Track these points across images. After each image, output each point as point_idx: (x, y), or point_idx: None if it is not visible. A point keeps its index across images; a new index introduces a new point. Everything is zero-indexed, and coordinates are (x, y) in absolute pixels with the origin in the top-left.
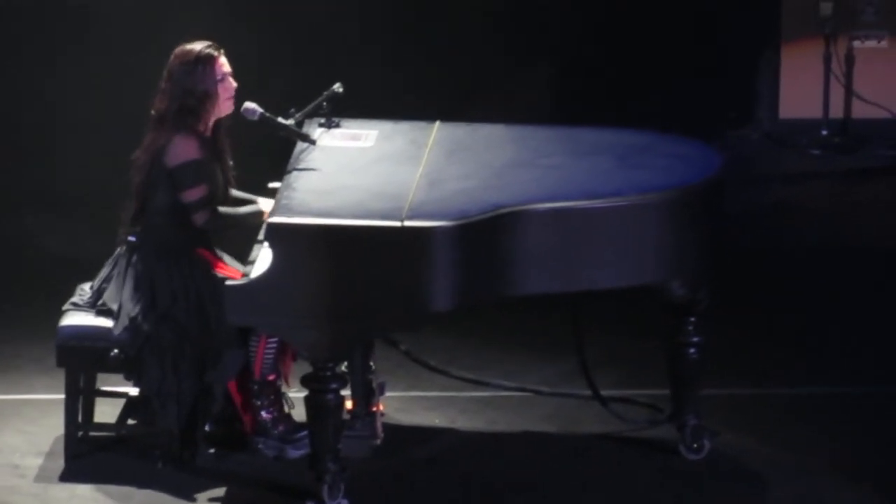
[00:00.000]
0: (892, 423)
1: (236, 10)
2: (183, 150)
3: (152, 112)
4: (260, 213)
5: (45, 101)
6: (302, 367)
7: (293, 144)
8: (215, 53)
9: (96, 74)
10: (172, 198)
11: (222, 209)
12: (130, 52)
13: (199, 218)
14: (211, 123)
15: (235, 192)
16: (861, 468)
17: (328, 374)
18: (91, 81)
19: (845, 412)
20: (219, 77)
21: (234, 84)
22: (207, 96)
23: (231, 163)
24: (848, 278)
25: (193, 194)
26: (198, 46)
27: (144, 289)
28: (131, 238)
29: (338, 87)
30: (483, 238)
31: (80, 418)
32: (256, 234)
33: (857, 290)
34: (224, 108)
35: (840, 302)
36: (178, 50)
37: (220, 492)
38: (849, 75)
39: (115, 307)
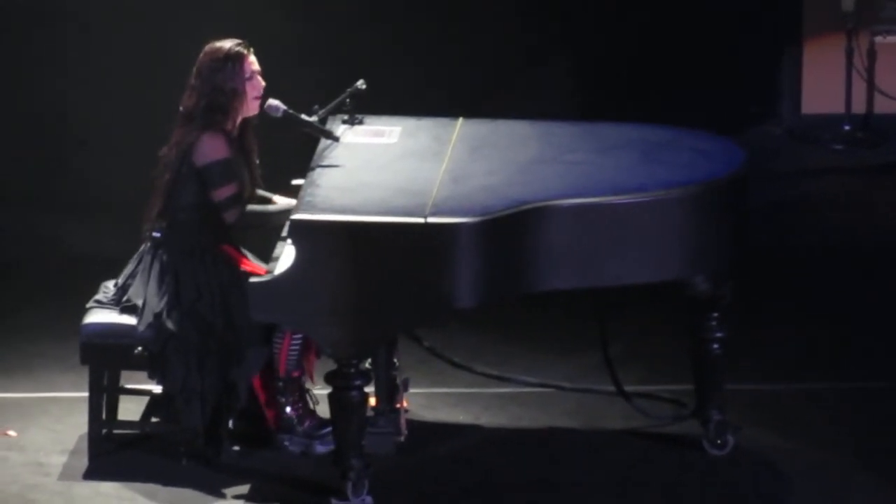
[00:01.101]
0: None
1: (256, 7)
2: (211, 148)
3: (180, 109)
4: (289, 212)
5: (68, 100)
6: (326, 364)
7: (316, 141)
8: (245, 51)
9: (119, 72)
10: (199, 195)
11: (252, 206)
12: (153, 50)
13: (231, 216)
14: (238, 122)
15: (261, 192)
16: (884, 463)
17: (352, 370)
18: (113, 80)
19: (868, 407)
20: (247, 75)
21: (263, 83)
22: (236, 94)
23: (257, 162)
24: (869, 274)
25: (224, 192)
26: (227, 44)
27: (169, 284)
28: (156, 234)
29: (361, 83)
30: (507, 234)
31: (104, 416)
32: (279, 232)
33: (878, 285)
34: (251, 106)
35: (862, 297)
36: (208, 47)
37: (244, 489)
38: (871, 70)
39: (139, 303)
